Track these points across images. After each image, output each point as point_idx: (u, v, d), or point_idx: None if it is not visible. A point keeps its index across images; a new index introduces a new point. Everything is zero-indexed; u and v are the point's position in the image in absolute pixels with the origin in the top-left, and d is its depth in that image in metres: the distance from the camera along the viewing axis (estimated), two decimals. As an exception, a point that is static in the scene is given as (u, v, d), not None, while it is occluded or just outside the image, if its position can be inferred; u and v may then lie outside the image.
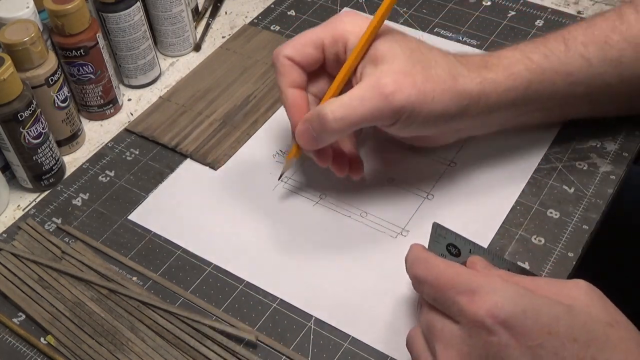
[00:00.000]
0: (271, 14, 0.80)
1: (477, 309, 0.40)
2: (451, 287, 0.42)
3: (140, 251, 0.58)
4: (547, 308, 0.39)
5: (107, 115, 0.71)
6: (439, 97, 0.52)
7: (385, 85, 0.50)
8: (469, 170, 0.61)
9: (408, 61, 0.52)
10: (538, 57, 0.55)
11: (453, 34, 0.75)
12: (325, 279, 0.55)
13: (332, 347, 0.51)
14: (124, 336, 0.52)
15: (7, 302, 0.56)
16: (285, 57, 0.55)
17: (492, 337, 0.39)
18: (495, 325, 0.39)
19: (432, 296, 0.43)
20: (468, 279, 0.41)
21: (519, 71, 0.55)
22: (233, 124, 0.67)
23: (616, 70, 0.56)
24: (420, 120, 0.52)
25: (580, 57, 0.55)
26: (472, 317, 0.40)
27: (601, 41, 0.55)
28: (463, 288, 0.41)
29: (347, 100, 0.51)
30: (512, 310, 0.39)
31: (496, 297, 0.40)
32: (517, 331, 0.39)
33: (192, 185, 0.63)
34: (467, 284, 0.41)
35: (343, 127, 0.52)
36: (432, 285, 0.43)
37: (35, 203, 0.63)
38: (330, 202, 0.60)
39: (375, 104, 0.51)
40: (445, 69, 0.53)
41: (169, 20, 0.73)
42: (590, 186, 0.59)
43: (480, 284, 0.41)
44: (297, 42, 0.55)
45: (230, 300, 0.54)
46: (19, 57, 0.60)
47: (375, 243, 0.57)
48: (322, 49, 0.55)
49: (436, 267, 0.43)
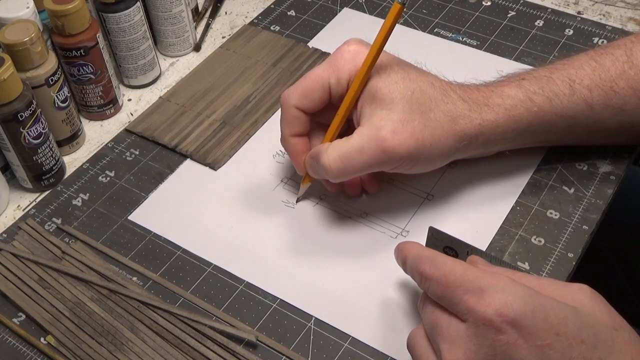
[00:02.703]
0: (271, 14, 0.80)
1: (486, 308, 0.39)
2: (459, 285, 0.41)
3: (140, 251, 0.58)
4: (555, 309, 0.39)
5: (107, 115, 0.71)
6: (437, 143, 0.53)
7: (385, 139, 0.51)
8: (468, 170, 0.61)
9: (407, 106, 0.52)
10: (541, 100, 0.55)
11: (453, 34, 0.75)
12: (325, 279, 0.55)
13: (332, 347, 0.51)
14: (124, 336, 0.52)
15: (7, 302, 0.56)
16: (294, 107, 0.55)
17: (500, 336, 0.39)
18: (503, 324, 0.39)
19: (439, 294, 0.43)
20: (476, 277, 0.41)
21: (520, 114, 0.55)
22: (233, 124, 0.67)
23: (617, 117, 0.56)
24: (419, 165, 0.54)
25: (584, 102, 0.55)
26: (480, 316, 0.40)
27: (607, 87, 0.55)
28: (471, 286, 0.41)
29: (345, 151, 0.52)
30: (521, 310, 0.39)
31: (505, 296, 0.39)
32: (526, 331, 0.39)
33: (192, 185, 0.63)
34: (476, 283, 0.41)
35: (342, 176, 0.54)
36: (439, 283, 0.43)
37: (35, 203, 0.63)
38: (330, 202, 0.60)
39: (373, 156, 0.52)
40: (445, 111, 0.53)
41: (169, 21, 0.73)
42: (590, 186, 0.59)
43: (489, 282, 0.40)
44: (305, 88, 0.55)
45: (230, 300, 0.54)
46: (19, 57, 0.60)
47: (375, 243, 0.57)
48: (328, 90, 0.55)
49: (443, 265, 0.43)
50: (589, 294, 0.42)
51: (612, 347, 0.39)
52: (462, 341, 0.41)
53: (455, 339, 0.41)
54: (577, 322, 0.39)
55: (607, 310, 0.41)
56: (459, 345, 0.41)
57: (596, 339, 0.39)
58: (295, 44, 0.75)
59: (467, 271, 0.42)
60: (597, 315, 0.40)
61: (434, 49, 0.73)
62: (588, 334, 0.39)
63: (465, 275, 0.41)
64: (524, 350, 0.39)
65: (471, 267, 0.42)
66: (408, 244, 0.48)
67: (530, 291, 0.40)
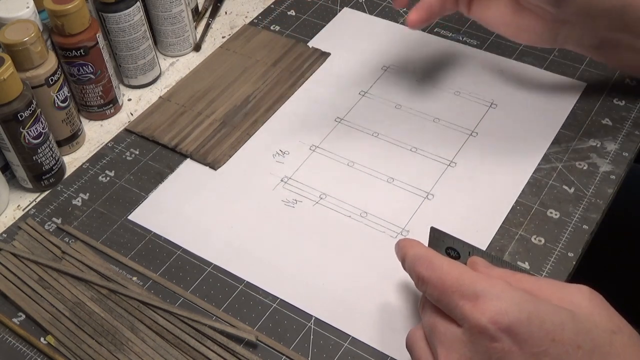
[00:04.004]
0: (271, 14, 0.80)
1: (481, 315, 0.39)
2: (455, 290, 0.41)
3: (140, 251, 0.58)
4: (551, 314, 0.39)
5: (107, 115, 0.71)
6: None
7: None
8: (468, 170, 0.61)
9: None
10: None
11: (453, 34, 0.75)
12: (325, 279, 0.55)
13: (332, 347, 0.51)
14: (124, 336, 0.52)
15: (7, 302, 0.56)
16: None
17: (495, 344, 0.39)
18: (498, 332, 0.39)
19: (435, 297, 0.43)
20: (472, 282, 0.41)
21: None
22: (233, 124, 0.67)
23: None
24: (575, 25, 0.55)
25: None
26: (475, 323, 0.39)
27: None
28: (467, 292, 0.41)
29: None
30: (516, 317, 0.39)
31: (500, 303, 0.39)
32: (521, 338, 0.38)
33: (192, 185, 0.63)
34: (471, 288, 0.40)
35: None
36: (435, 287, 0.43)
37: (35, 203, 0.63)
38: (330, 202, 0.60)
39: None
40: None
41: (169, 20, 0.73)
42: (590, 186, 0.59)
43: (484, 288, 0.40)
44: None
45: (230, 300, 0.54)
46: (19, 57, 0.60)
47: (375, 243, 0.57)
48: None
49: (440, 268, 0.43)
50: (588, 295, 0.41)
51: (610, 352, 0.39)
52: (458, 347, 0.41)
53: (452, 344, 0.41)
54: (574, 327, 0.39)
55: (606, 312, 0.41)
56: (456, 351, 0.41)
57: (593, 344, 0.39)
58: (295, 44, 0.75)
59: (463, 275, 0.42)
60: (596, 318, 0.40)
61: (434, 49, 0.73)
62: (585, 339, 0.39)
63: (461, 280, 0.41)
64: (519, 358, 0.38)
65: (468, 271, 0.42)
66: (408, 241, 0.48)
67: (526, 297, 0.40)
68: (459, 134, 0.64)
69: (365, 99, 0.69)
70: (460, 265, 0.43)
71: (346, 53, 0.74)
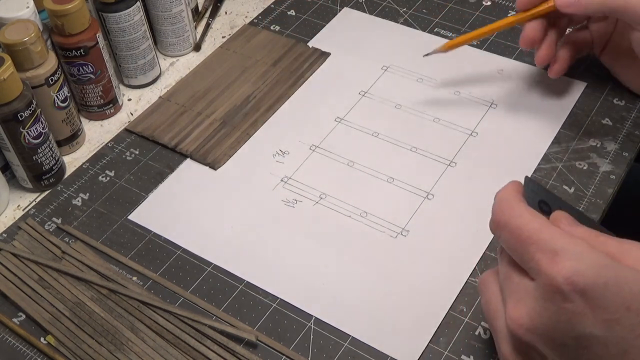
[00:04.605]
0: (271, 14, 0.80)
1: (557, 273, 0.37)
2: (533, 242, 0.39)
3: (140, 251, 0.58)
4: (631, 282, 0.37)
5: (107, 115, 0.71)
6: None
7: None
8: (468, 170, 0.61)
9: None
10: None
11: (453, 34, 0.75)
12: (325, 279, 0.55)
13: (332, 347, 0.51)
14: (124, 336, 0.52)
15: (7, 302, 0.56)
16: None
17: (567, 304, 0.37)
18: (572, 292, 0.37)
19: (511, 246, 0.41)
20: (552, 237, 0.38)
21: None
22: (233, 124, 0.67)
23: None
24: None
25: None
26: (549, 280, 0.37)
27: None
28: (545, 246, 0.38)
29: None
30: (593, 281, 0.36)
31: (578, 264, 0.37)
32: (595, 303, 0.37)
33: (192, 185, 0.63)
34: (550, 243, 0.38)
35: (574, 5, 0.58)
36: (511, 234, 0.40)
37: (35, 203, 0.63)
38: (330, 202, 0.60)
39: None
40: None
41: (169, 20, 0.73)
42: (590, 186, 0.59)
43: (564, 245, 0.38)
44: None
45: (230, 300, 0.54)
46: (19, 57, 0.60)
47: (375, 243, 0.57)
48: None
49: (520, 217, 0.40)
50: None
51: None
52: (528, 300, 0.39)
53: (522, 296, 0.39)
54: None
55: None
56: (525, 304, 0.39)
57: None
58: (295, 44, 0.75)
59: (543, 228, 0.39)
60: None
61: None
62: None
63: (540, 233, 0.39)
64: (589, 322, 0.37)
65: (549, 226, 0.40)
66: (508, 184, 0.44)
67: (606, 261, 0.37)
68: (459, 134, 0.64)
69: (365, 99, 0.69)
70: (543, 219, 0.40)
71: (346, 53, 0.74)
